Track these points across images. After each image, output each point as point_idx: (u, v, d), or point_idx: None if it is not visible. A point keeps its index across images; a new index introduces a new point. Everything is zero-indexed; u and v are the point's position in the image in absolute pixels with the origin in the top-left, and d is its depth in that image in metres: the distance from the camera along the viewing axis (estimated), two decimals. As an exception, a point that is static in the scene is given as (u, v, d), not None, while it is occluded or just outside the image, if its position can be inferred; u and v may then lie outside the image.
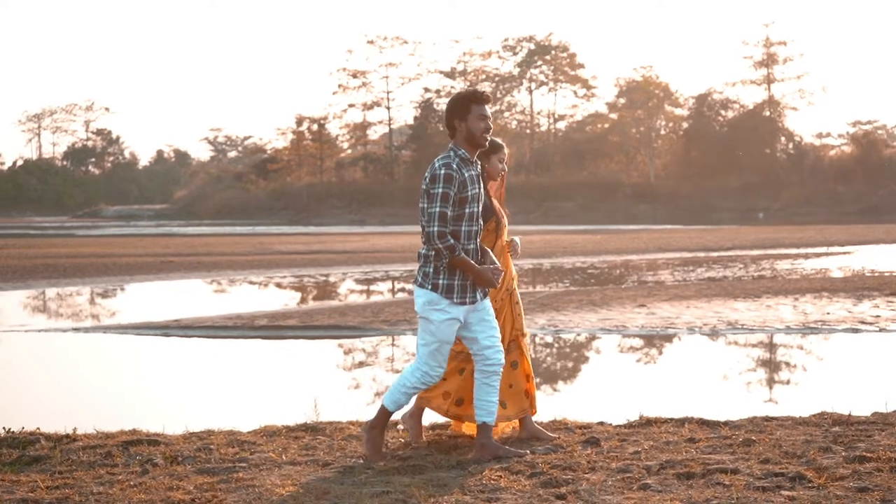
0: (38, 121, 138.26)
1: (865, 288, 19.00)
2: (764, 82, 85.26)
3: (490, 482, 5.29)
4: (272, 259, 30.28)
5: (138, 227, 71.62)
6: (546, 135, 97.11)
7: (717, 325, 14.56)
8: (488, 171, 6.60)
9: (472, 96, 6.07)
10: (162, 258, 30.17)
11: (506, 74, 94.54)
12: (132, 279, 24.40)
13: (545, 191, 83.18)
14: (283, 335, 14.39)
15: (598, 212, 78.01)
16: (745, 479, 5.16)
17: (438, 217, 5.82)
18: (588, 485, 5.18)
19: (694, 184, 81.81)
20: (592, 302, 17.44)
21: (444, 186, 5.84)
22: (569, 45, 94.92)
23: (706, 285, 20.30)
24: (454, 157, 5.99)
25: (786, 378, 10.82)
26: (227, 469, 5.68)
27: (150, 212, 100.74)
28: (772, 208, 76.11)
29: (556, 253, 32.60)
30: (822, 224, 56.01)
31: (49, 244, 40.34)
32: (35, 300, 20.04)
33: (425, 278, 5.98)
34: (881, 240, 37.13)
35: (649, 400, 8.91)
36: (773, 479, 5.11)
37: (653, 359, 12.34)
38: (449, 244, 5.84)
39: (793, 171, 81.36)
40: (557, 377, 11.02)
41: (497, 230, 6.59)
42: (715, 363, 11.75)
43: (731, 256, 30.52)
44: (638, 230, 52.72)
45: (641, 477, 5.29)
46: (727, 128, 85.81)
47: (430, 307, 5.95)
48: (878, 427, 6.26)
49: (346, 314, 16.00)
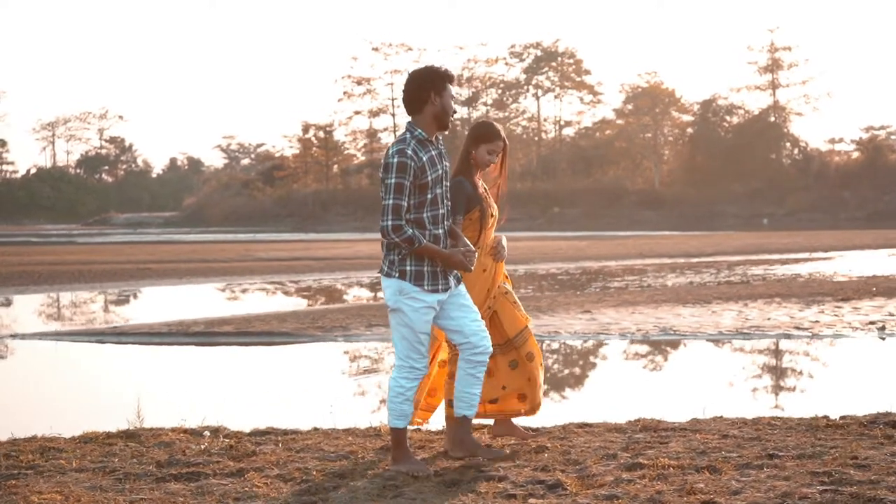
0: (52, 129, 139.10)
1: (819, 293, 18.87)
2: (769, 88, 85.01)
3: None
4: (249, 266, 30.32)
5: (140, 235, 71.92)
6: (552, 141, 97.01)
7: (650, 330, 14.47)
8: (474, 160, 6.18)
9: (447, 74, 5.72)
10: (140, 265, 30.25)
11: (512, 81, 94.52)
12: (101, 286, 24.48)
13: (550, 197, 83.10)
14: (216, 341, 14.38)
15: (603, 218, 77.83)
16: (504, 487, 5.10)
17: (392, 210, 5.47)
18: (347, 491, 5.13)
19: (699, 190, 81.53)
20: (538, 308, 17.36)
21: (397, 176, 5.48)
22: (575, 52, 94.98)
23: (661, 291, 20.21)
24: (409, 139, 5.61)
25: (665, 384, 10.73)
26: (4, 476, 5.65)
27: (159, 219, 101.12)
28: (777, 214, 75.78)
29: (534, 259, 32.53)
30: (827, 230, 55.75)
31: (38, 252, 40.52)
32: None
33: (391, 267, 5.64)
34: (867, 245, 36.89)
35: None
36: (530, 487, 5.05)
37: (560, 364, 12.28)
38: (406, 237, 5.49)
39: (798, 176, 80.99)
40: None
41: (482, 221, 6.16)
42: (614, 369, 11.73)
43: (708, 262, 30.37)
44: (627, 236, 52.62)
45: (405, 484, 5.23)
46: (732, 134, 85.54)
47: (400, 297, 5.59)
48: (681, 434, 6.19)
49: (286, 320, 15.98)
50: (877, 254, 32.72)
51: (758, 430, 6.21)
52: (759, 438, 5.99)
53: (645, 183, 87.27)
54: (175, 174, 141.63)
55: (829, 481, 4.87)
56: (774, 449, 5.64)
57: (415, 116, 5.70)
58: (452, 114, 5.72)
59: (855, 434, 6.00)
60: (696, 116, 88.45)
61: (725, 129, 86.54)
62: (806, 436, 5.97)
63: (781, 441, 5.90)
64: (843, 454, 5.40)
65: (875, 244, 37.45)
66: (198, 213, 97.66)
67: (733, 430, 6.24)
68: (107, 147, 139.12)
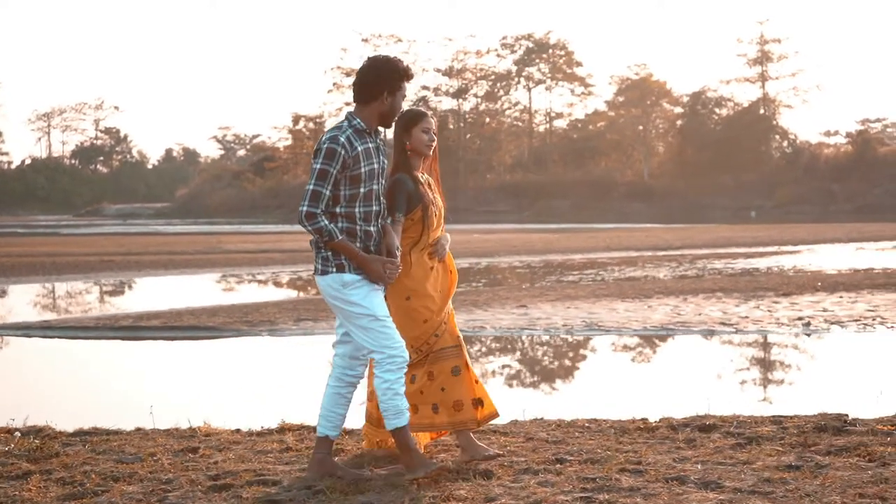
0: (47, 120, 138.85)
1: (763, 288, 18.82)
2: (759, 80, 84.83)
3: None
4: (213, 258, 30.26)
5: (125, 226, 71.86)
6: (543, 133, 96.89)
7: (576, 326, 14.45)
8: (412, 147, 5.68)
9: (406, 72, 5.45)
10: (104, 258, 30.19)
11: (502, 72, 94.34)
12: (57, 278, 24.46)
13: (539, 189, 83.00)
14: (141, 335, 14.35)
15: (592, 210, 77.68)
16: (266, 492, 5.05)
17: (310, 196, 5.22)
18: (112, 496, 5.07)
19: (688, 182, 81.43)
20: (475, 302, 17.32)
21: (323, 162, 5.24)
22: (567, 44, 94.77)
23: (606, 286, 20.16)
24: (346, 128, 5.36)
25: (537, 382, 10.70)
26: None
27: (150, 210, 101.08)
28: (766, 207, 75.64)
29: (500, 252, 32.47)
30: (814, 223, 55.58)
31: (11, 243, 40.47)
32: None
33: (326, 263, 5.32)
34: (838, 239, 36.76)
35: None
36: (292, 493, 4.99)
37: (475, 360, 12.24)
38: (318, 226, 5.22)
39: (788, 169, 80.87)
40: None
41: (425, 220, 5.66)
42: (499, 366, 11.70)
43: (672, 256, 30.30)
44: (603, 229, 52.52)
45: (175, 489, 5.17)
46: (722, 126, 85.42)
47: (344, 289, 5.26)
48: (488, 436, 6.12)
49: (217, 314, 15.93)
50: (845, 248, 32.61)
51: (566, 433, 6.15)
52: (563, 442, 5.93)
53: (634, 175, 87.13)
54: (171, 165, 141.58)
55: (591, 488, 4.83)
56: (567, 453, 5.59)
57: (360, 105, 5.46)
58: (397, 115, 5.52)
59: (658, 438, 5.94)
60: (685, 108, 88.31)
61: (715, 121, 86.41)
62: (609, 439, 5.91)
63: (580, 445, 5.84)
64: (628, 459, 5.36)
65: (847, 238, 37.31)
66: (189, 205, 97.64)
67: (542, 433, 6.19)
68: (102, 138, 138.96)
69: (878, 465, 5.10)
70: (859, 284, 18.98)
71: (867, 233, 40.52)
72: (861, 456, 5.28)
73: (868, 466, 5.06)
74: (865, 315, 14.93)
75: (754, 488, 4.74)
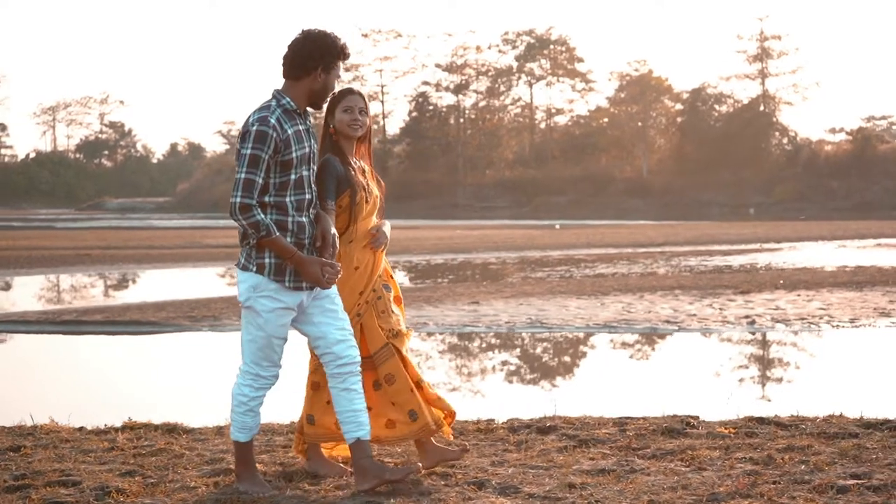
0: (52, 113, 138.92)
1: (723, 286, 18.69)
2: (758, 77, 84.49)
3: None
4: (190, 253, 30.21)
5: (120, 220, 71.87)
6: (544, 129, 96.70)
7: (518, 323, 14.34)
8: (337, 129, 5.26)
9: (343, 50, 5.03)
10: (82, 251, 30.14)
11: (503, 68, 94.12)
12: (27, 272, 24.40)
13: (538, 185, 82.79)
14: (82, 330, 14.29)
15: (590, 207, 77.41)
16: (57, 493, 4.89)
17: (243, 185, 4.73)
18: None
19: (687, 179, 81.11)
20: (428, 299, 17.21)
21: (254, 147, 4.74)
22: (568, 40, 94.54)
23: (564, 282, 20.04)
24: (275, 107, 4.88)
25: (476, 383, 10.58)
26: None
27: (151, 205, 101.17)
28: (765, 204, 75.31)
29: (478, 248, 32.36)
30: (813, 220, 55.27)
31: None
32: None
33: (248, 259, 4.86)
34: (822, 237, 36.58)
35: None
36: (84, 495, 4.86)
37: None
38: (253, 220, 4.73)
39: (787, 166, 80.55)
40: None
41: (353, 208, 5.18)
42: (424, 361, 11.60)
43: (648, 252, 30.13)
44: (591, 225, 52.39)
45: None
46: (721, 123, 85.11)
47: (255, 294, 4.82)
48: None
49: (164, 309, 15.84)
50: (825, 245, 32.44)
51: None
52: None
53: (633, 171, 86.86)
54: (175, 159, 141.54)
55: (385, 492, 4.68)
56: (388, 454, 5.43)
57: (289, 82, 4.99)
58: (330, 95, 5.09)
59: (492, 439, 5.76)
60: (685, 105, 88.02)
61: (714, 118, 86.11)
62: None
63: (407, 447, 5.67)
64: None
65: (831, 236, 37.11)
66: (190, 199, 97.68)
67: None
68: (107, 132, 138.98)
69: (693, 469, 4.94)
70: (821, 283, 18.83)
71: (853, 230, 40.33)
72: (683, 460, 5.11)
73: (682, 471, 4.90)
74: (815, 313, 14.79)
75: (548, 494, 4.60)
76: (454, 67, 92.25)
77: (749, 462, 5.04)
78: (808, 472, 4.79)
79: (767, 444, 5.40)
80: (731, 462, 5.04)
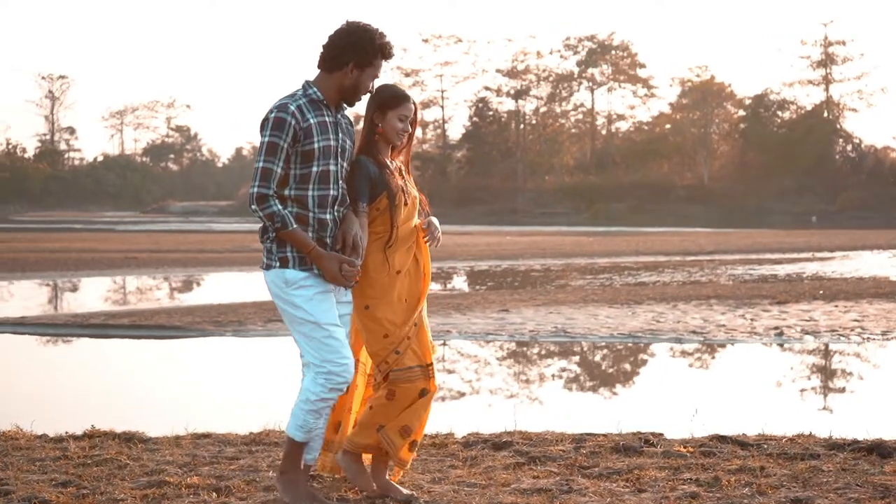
0: (120, 117, 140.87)
1: (761, 296, 18.36)
2: (822, 83, 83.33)
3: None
4: (236, 257, 30.37)
5: (180, 223, 72.65)
6: (606, 136, 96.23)
7: (542, 332, 14.17)
8: (384, 133, 4.92)
9: (384, 49, 4.78)
10: (130, 254, 30.39)
11: (564, 73, 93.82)
12: (73, 274, 24.65)
13: (597, 192, 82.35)
14: (108, 334, 14.35)
15: (649, 214, 76.81)
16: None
17: (261, 175, 4.58)
18: None
19: (748, 186, 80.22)
20: (457, 306, 17.08)
21: (272, 134, 4.59)
22: (630, 45, 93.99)
23: (600, 291, 19.81)
24: (300, 97, 4.70)
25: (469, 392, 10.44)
26: None
27: (214, 208, 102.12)
28: (827, 211, 74.26)
29: (524, 255, 32.17)
30: (877, 229, 54.23)
31: (53, 238, 41.03)
32: None
33: (270, 256, 4.67)
34: (879, 246, 35.87)
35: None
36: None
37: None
38: (270, 211, 4.55)
39: (851, 173, 79.35)
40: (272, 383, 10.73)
41: (392, 211, 4.85)
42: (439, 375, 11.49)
43: (697, 261, 29.75)
44: (642, 233, 51.81)
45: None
46: (784, 129, 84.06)
47: (287, 288, 4.61)
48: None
49: (192, 314, 15.87)
50: (880, 255, 31.80)
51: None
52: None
53: (694, 178, 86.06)
54: (240, 163, 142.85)
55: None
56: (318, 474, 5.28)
57: (322, 73, 4.79)
58: (367, 92, 4.83)
59: (442, 455, 5.58)
60: (747, 111, 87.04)
61: (777, 124, 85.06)
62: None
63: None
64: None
65: (888, 245, 36.39)
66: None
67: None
68: (173, 136, 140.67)
69: (633, 491, 4.73)
70: (862, 293, 18.42)
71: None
72: (628, 480, 4.90)
73: (619, 493, 4.69)
74: (847, 325, 14.47)
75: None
76: (514, 73, 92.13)
77: (693, 483, 4.83)
78: (749, 497, 4.58)
79: (721, 464, 5.19)
80: (674, 483, 4.84)
